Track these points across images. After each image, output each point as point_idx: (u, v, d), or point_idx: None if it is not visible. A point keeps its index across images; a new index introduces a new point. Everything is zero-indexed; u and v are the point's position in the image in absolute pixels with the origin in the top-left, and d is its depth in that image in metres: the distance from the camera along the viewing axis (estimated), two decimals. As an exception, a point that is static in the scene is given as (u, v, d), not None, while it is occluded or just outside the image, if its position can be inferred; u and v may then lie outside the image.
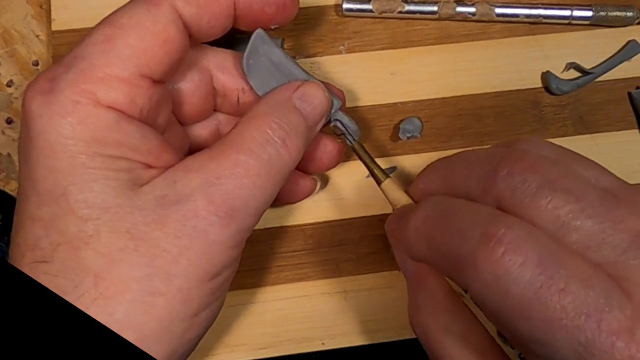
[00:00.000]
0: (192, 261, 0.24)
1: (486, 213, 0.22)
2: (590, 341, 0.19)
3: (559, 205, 0.21)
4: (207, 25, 0.27)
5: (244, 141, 0.25)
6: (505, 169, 0.22)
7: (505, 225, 0.21)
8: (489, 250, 0.21)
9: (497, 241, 0.21)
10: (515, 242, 0.20)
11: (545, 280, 0.20)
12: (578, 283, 0.20)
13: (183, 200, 0.24)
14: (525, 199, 0.22)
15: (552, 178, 0.22)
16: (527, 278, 0.20)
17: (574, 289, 0.20)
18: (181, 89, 0.28)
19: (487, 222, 0.21)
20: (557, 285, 0.20)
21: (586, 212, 0.21)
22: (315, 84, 0.28)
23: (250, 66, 0.29)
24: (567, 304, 0.20)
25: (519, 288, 0.20)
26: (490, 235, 0.21)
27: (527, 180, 0.22)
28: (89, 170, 0.23)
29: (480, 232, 0.21)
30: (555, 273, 0.20)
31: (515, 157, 0.23)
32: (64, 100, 0.23)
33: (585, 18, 0.36)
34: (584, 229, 0.21)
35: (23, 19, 0.37)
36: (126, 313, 0.23)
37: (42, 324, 0.23)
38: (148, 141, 0.25)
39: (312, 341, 0.33)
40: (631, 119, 0.36)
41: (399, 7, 0.36)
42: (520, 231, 0.21)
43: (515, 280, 0.20)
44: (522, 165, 0.22)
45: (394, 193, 0.28)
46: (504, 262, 0.20)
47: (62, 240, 0.23)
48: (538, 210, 0.21)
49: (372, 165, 0.29)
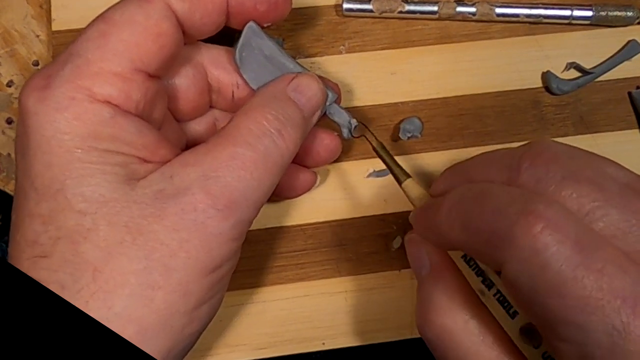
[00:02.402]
0: (191, 254, 0.24)
1: (522, 193, 0.22)
2: (625, 325, 0.19)
3: (583, 194, 0.21)
4: (200, 21, 0.27)
5: (240, 133, 0.25)
6: (527, 161, 0.23)
7: (545, 202, 0.21)
8: (529, 225, 0.20)
9: (537, 216, 0.20)
10: (554, 219, 0.20)
11: (583, 258, 0.20)
12: (615, 266, 0.20)
13: (181, 193, 0.24)
14: (549, 188, 0.22)
15: (574, 169, 0.22)
16: (566, 254, 0.20)
17: (611, 271, 0.20)
18: (176, 85, 0.29)
19: (525, 200, 0.21)
20: (596, 265, 0.20)
21: (610, 201, 0.21)
22: (309, 76, 0.28)
23: (243, 59, 0.29)
24: (604, 284, 0.19)
25: (557, 264, 0.20)
26: (530, 210, 0.21)
27: (550, 171, 0.22)
28: (86, 165, 0.23)
29: (519, 208, 0.21)
30: (594, 253, 0.20)
31: (537, 151, 0.23)
32: (60, 96, 0.24)
33: (586, 18, 0.36)
34: (609, 217, 0.21)
35: (23, 19, 0.37)
36: (125, 306, 0.23)
37: (40, 323, 0.23)
38: (144, 136, 0.25)
39: (313, 341, 0.33)
40: (631, 119, 0.36)
41: (399, 7, 0.36)
42: (559, 209, 0.21)
43: (553, 256, 0.20)
44: (545, 158, 0.23)
45: (416, 191, 0.28)
46: (544, 237, 0.20)
47: (60, 234, 0.23)
48: (563, 199, 0.21)
49: (392, 165, 0.29)
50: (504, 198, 0.22)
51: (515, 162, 0.23)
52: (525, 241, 0.20)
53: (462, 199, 0.24)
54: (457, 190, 0.24)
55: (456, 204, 0.24)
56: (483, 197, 0.23)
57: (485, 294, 0.25)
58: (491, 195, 0.23)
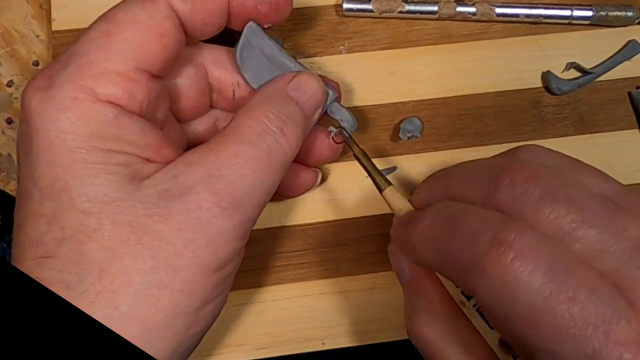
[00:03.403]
0: (197, 253, 0.24)
1: (495, 218, 0.22)
2: (597, 352, 0.19)
3: (561, 215, 0.21)
4: (202, 22, 0.27)
5: (242, 132, 0.25)
6: (507, 179, 0.22)
7: (515, 230, 0.21)
8: (499, 256, 0.20)
9: (507, 246, 0.20)
10: (525, 248, 0.20)
11: (554, 287, 0.20)
12: (587, 292, 0.20)
13: (185, 192, 0.24)
14: (527, 209, 0.22)
15: (553, 188, 0.22)
16: (536, 285, 0.20)
17: (583, 298, 0.20)
18: (177, 85, 0.29)
19: (497, 227, 0.21)
20: (567, 293, 0.20)
21: (588, 221, 0.21)
22: (309, 74, 0.29)
23: (243, 59, 0.29)
24: (575, 312, 0.19)
25: (528, 295, 0.20)
26: (500, 240, 0.21)
27: (528, 190, 0.22)
28: (89, 165, 0.23)
29: (489, 237, 0.21)
30: (565, 281, 0.20)
31: (517, 167, 0.23)
32: (63, 96, 0.24)
33: (586, 18, 0.36)
34: (587, 238, 0.21)
35: (23, 19, 0.37)
36: (131, 306, 0.23)
37: (42, 324, 0.23)
38: (147, 136, 0.25)
39: (313, 341, 0.33)
40: (631, 119, 0.36)
41: (399, 7, 0.36)
42: (531, 237, 0.21)
43: (524, 287, 0.20)
44: (524, 175, 0.22)
45: (397, 200, 0.28)
46: (514, 268, 0.20)
47: (65, 235, 0.23)
48: (540, 220, 0.21)
49: (374, 173, 0.29)
50: (475, 225, 0.22)
51: (494, 178, 0.23)
52: (495, 272, 0.20)
53: (435, 222, 0.24)
54: (432, 211, 0.24)
55: (429, 227, 0.24)
56: (455, 222, 0.23)
57: (466, 304, 0.25)
58: (463, 221, 0.23)
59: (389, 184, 0.28)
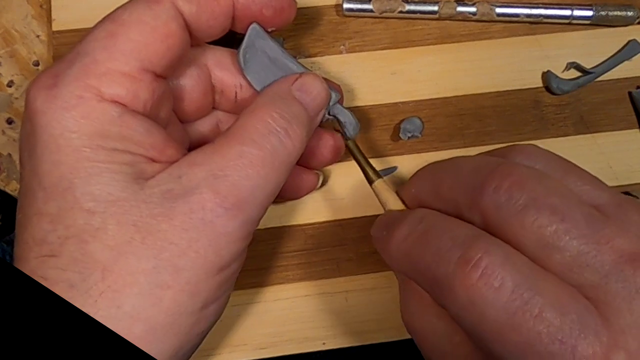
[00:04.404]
0: (200, 254, 0.24)
1: (465, 235, 0.22)
2: None
3: (543, 224, 0.21)
4: (207, 24, 0.27)
5: (246, 132, 0.25)
6: (492, 184, 0.22)
7: (482, 249, 0.21)
8: (465, 275, 0.21)
9: (474, 266, 0.21)
10: (491, 267, 0.20)
11: (520, 305, 0.20)
12: (553, 309, 0.20)
13: (189, 193, 0.24)
14: (510, 217, 0.22)
15: (539, 195, 0.22)
16: (501, 303, 0.20)
17: (548, 315, 0.20)
18: (180, 85, 0.29)
19: (466, 245, 0.21)
20: (532, 311, 0.20)
21: (571, 232, 0.21)
22: (313, 75, 0.29)
23: (246, 61, 0.29)
24: (541, 330, 0.20)
25: (494, 313, 0.20)
26: (467, 259, 0.21)
27: (513, 197, 0.22)
28: (93, 164, 0.24)
29: (458, 255, 0.21)
30: (531, 299, 0.20)
31: (504, 172, 0.22)
32: (68, 95, 0.24)
33: (586, 18, 0.36)
34: (568, 250, 0.21)
35: (23, 19, 0.37)
36: (134, 306, 0.23)
37: (41, 325, 0.23)
38: (151, 135, 0.25)
39: (313, 341, 0.33)
40: (632, 119, 0.36)
41: (400, 7, 0.36)
42: (497, 256, 0.21)
43: (490, 305, 0.20)
44: (510, 181, 0.22)
45: (385, 194, 0.28)
46: (479, 287, 0.20)
47: (69, 233, 0.23)
48: (523, 228, 0.21)
49: (365, 165, 0.29)
50: (446, 242, 0.22)
51: (480, 182, 0.23)
52: (461, 291, 0.21)
53: (409, 235, 0.24)
54: (408, 220, 0.25)
55: (403, 239, 0.24)
56: (427, 236, 0.23)
57: None
58: (435, 235, 0.23)
59: (379, 177, 0.29)
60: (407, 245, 0.24)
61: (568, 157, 0.35)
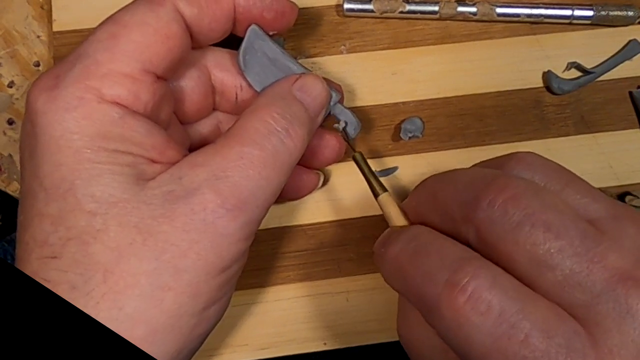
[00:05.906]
0: (201, 255, 0.24)
1: (454, 256, 0.22)
2: None
3: (537, 242, 0.21)
4: (208, 27, 0.27)
5: (247, 133, 0.25)
6: (487, 199, 0.22)
7: (470, 272, 0.21)
8: (452, 298, 0.21)
9: (461, 289, 0.21)
10: (478, 291, 0.20)
11: (505, 330, 0.20)
12: (539, 333, 0.20)
13: (190, 194, 0.24)
14: (504, 233, 0.21)
15: (534, 211, 0.21)
16: (487, 328, 0.20)
17: (534, 340, 0.20)
18: (181, 87, 0.29)
19: (453, 268, 0.21)
20: (518, 336, 0.20)
21: (564, 251, 0.21)
22: (313, 76, 0.29)
23: (246, 62, 0.29)
24: (527, 354, 0.20)
25: (480, 337, 0.20)
26: (454, 282, 0.21)
27: (507, 212, 0.21)
28: (95, 165, 0.24)
29: (445, 278, 0.21)
30: (517, 323, 0.20)
31: (499, 186, 0.22)
32: (69, 96, 0.24)
33: (586, 18, 0.36)
34: (560, 268, 0.21)
35: (24, 19, 0.37)
36: (136, 307, 0.23)
37: (44, 326, 0.23)
38: (152, 136, 0.25)
39: (314, 341, 0.33)
40: (632, 119, 0.36)
41: (400, 7, 0.36)
42: (485, 279, 0.21)
43: (476, 329, 0.20)
44: (505, 196, 0.22)
45: (388, 209, 0.28)
46: (466, 311, 0.20)
47: (71, 235, 0.23)
48: (516, 245, 0.21)
49: (371, 178, 0.29)
50: (435, 263, 0.22)
51: (475, 196, 0.22)
52: (449, 314, 0.21)
53: (401, 253, 0.24)
54: (401, 239, 0.25)
55: (395, 257, 0.24)
56: (418, 256, 0.23)
57: None
58: (425, 255, 0.23)
59: (385, 190, 0.28)
60: (399, 264, 0.24)
61: (569, 157, 0.35)
